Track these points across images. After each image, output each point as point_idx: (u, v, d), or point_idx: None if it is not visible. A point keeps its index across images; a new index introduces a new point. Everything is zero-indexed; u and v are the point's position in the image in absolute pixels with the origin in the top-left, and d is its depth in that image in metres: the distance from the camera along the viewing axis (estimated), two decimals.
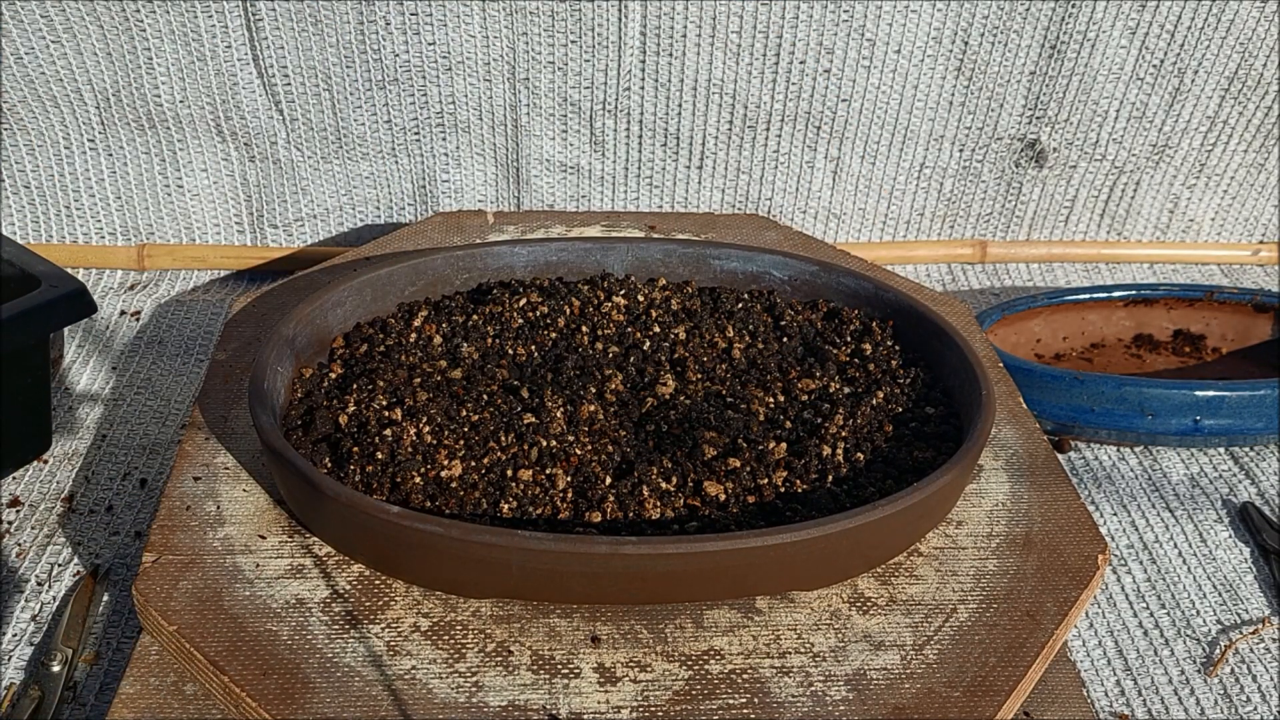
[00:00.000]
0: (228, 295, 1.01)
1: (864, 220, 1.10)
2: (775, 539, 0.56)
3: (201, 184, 1.02)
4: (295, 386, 0.70)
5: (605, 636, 0.57)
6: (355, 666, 0.54)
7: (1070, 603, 0.60)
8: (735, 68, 0.99)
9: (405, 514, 0.56)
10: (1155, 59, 1.02)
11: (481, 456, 0.63)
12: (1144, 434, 0.86)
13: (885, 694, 0.54)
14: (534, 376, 0.70)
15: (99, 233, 1.03)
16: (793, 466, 0.64)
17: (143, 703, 0.55)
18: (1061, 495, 0.68)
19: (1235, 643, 0.71)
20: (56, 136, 0.99)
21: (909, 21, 0.98)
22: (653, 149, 1.04)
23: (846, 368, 0.74)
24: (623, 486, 0.62)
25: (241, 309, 0.82)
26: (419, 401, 0.66)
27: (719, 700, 0.54)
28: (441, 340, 0.74)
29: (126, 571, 0.71)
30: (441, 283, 0.80)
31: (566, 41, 0.97)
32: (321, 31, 0.95)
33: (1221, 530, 0.80)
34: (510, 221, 0.95)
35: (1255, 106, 1.06)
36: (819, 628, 0.58)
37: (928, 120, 1.04)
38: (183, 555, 0.60)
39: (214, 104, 0.98)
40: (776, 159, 1.05)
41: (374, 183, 1.03)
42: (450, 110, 1.00)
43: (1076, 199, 1.11)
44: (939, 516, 0.65)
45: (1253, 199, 1.12)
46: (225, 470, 0.66)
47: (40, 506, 0.76)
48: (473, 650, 0.55)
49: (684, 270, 0.83)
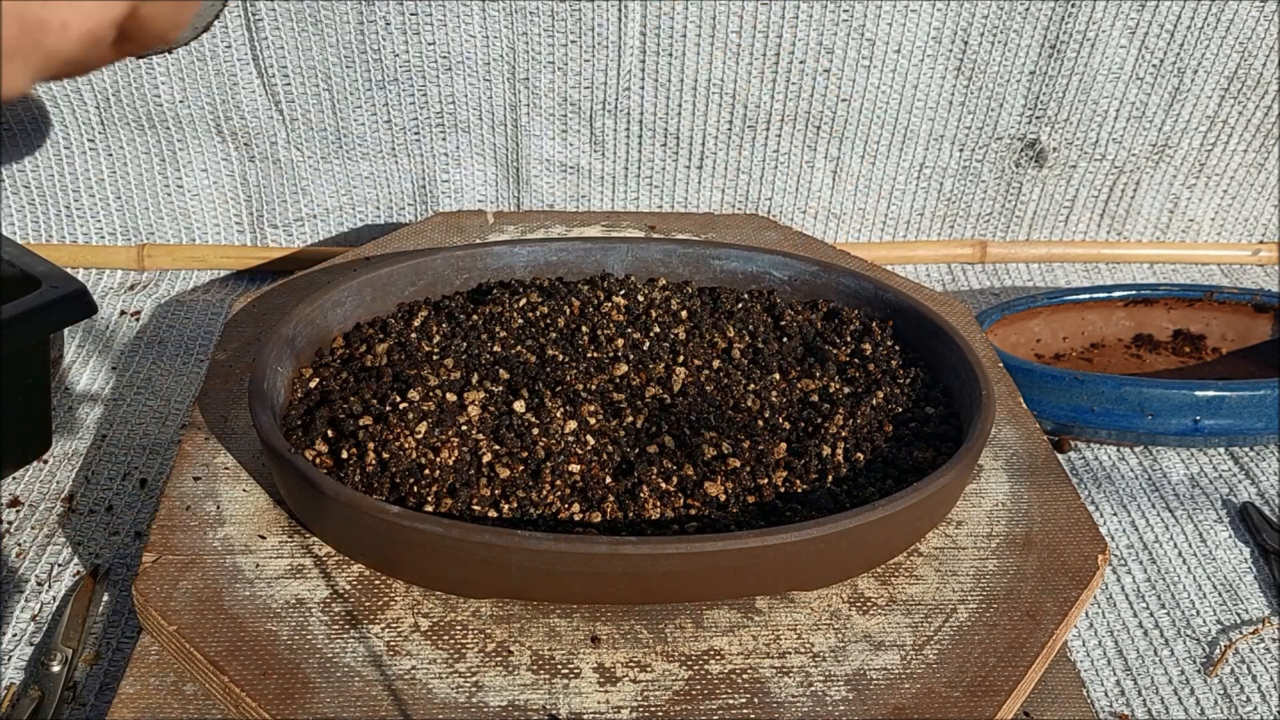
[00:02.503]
0: (228, 295, 1.01)
1: (864, 220, 1.10)
2: (775, 539, 0.56)
3: (201, 184, 1.02)
4: (295, 386, 0.70)
5: (605, 636, 0.57)
6: (355, 666, 0.54)
7: (1070, 603, 0.60)
8: (735, 68, 0.99)
9: (405, 514, 0.56)
10: (1155, 59, 1.02)
11: (481, 456, 0.63)
12: (1144, 434, 0.86)
13: (885, 694, 0.54)
14: (534, 376, 0.70)
15: (99, 233, 1.03)
16: (793, 466, 0.65)
17: (143, 703, 0.55)
18: (1061, 495, 0.68)
19: (1235, 643, 0.71)
20: (56, 136, 0.99)
21: (909, 21, 0.98)
22: (653, 149, 1.04)
23: (846, 368, 0.74)
24: (623, 486, 0.62)
25: (241, 309, 0.82)
26: (419, 402, 0.66)
27: (719, 700, 0.54)
28: (441, 340, 0.74)
29: (126, 571, 0.71)
30: (441, 283, 0.80)
31: (566, 41, 0.97)
32: (321, 31, 0.95)
33: (1221, 530, 0.80)
34: (510, 221, 0.95)
35: (1255, 106, 1.06)
36: (819, 628, 0.58)
37: (928, 120, 1.04)
38: (183, 555, 0.60)
39: (214, 104, 0.98)
40: (776, 159, 1.05)
41: (374, 183, 1.03)
42: (450, 110, 1.00)
43: (1076, 199, 1.11)
44: (939, 516, 0.65)
45: (1253, 199, 1.12)
46: (225, 470, 0.66)
47: (40, 506, 0.76)
48: (473, 650, 0.55)
49: (684, 270, 0.83)
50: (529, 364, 0.72)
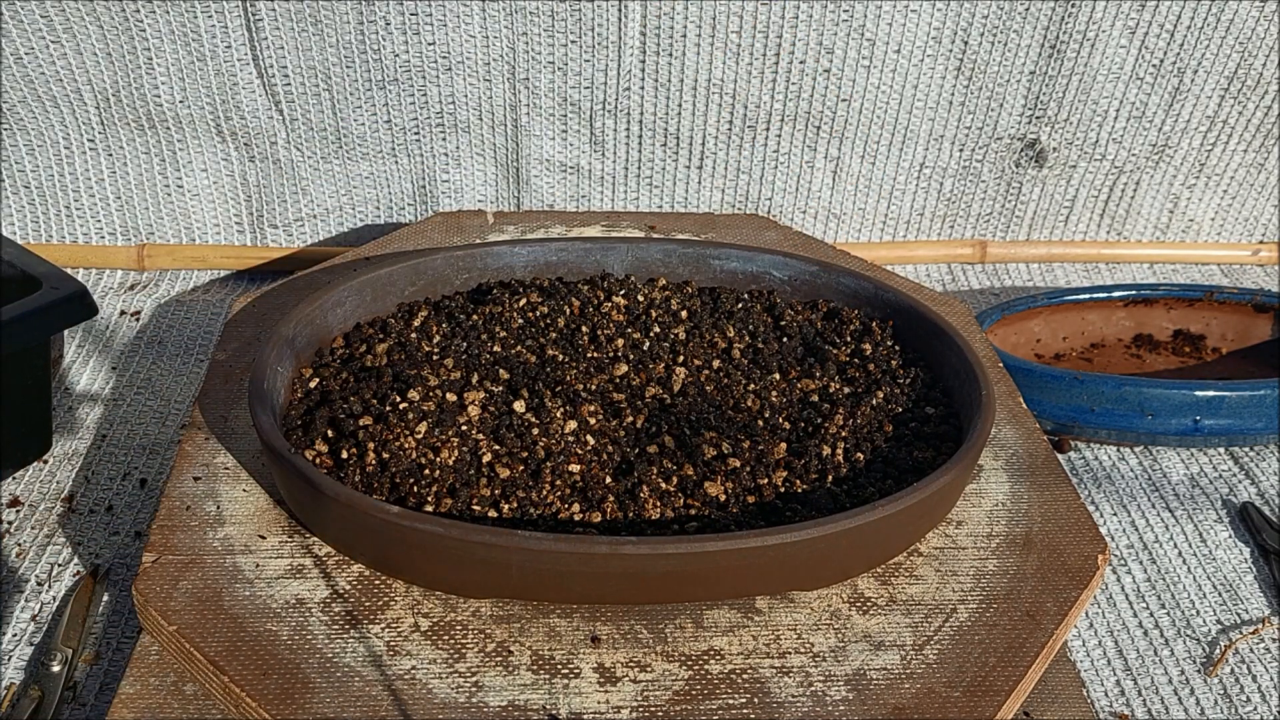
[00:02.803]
0: (228, 295, 1.01)
1: (864, 220, 1.10)
2: (775, 539, 0.56)
3: (201, 184, 1.02)
4: (295, 386, 0.70)
5: (605, 636, 0.57)
6: (355, 666, 0.54)
7: (1070, 603, 0.60)
8: (735, 68, 0.99)
9: (405, 514, 0.56)
10: (1155, 59, 1.02)
11: (481, 456, 0.63)
12: (1144, 434, 0.86)
13: (885, 694, 0.54)
14: (534, 376, 0.70)
15: (99, 233, 1.03)
16: (793, 466, 0.65)
17: (143, 703, 0.55)
18: (1061, 495, 0.68)
19: (1235, 643, 0.71)
20: (56, 136, 0.99)
21: (909, 21, 0.98)
22: (653, 149, 1.04)
23: (846, 368, 0.74)
24: (623, 486, 0.62)
25: (241, 309, 0.82)
26: (419, 402, 0.66)
27: (719, 700, 0.54)
28: (441, 340, 0.74)
29: (126, 571, 0.71)
30: (441, 283, 0.80)
31: (566, 41, 0.97)
32: (321, 31, 0.95)
33: (1221, 530, 0.80)
34: (510, 221, 0.95)
35: (1255, 106, 1.06)
36: (819, 628, 0.58)
37: (928, 120, 1.04)
38: (183, 555, 0.60)
39: (214, 104, 0.98)
40: (776, 159, 1.05)
41: (374, 183, 1.03)
42: (450, 110, 1.00)
43: (1076, 199, 1.11)
44: (939, 516, 0.65)
45: (1253, 199, 1.12)
46: (225, 470, 0.66)
47: (40, 506, 0.76)
48: (473, 650, 0.55)
49: (684, 270, 0.83)
50: (529, 364, 0.72)
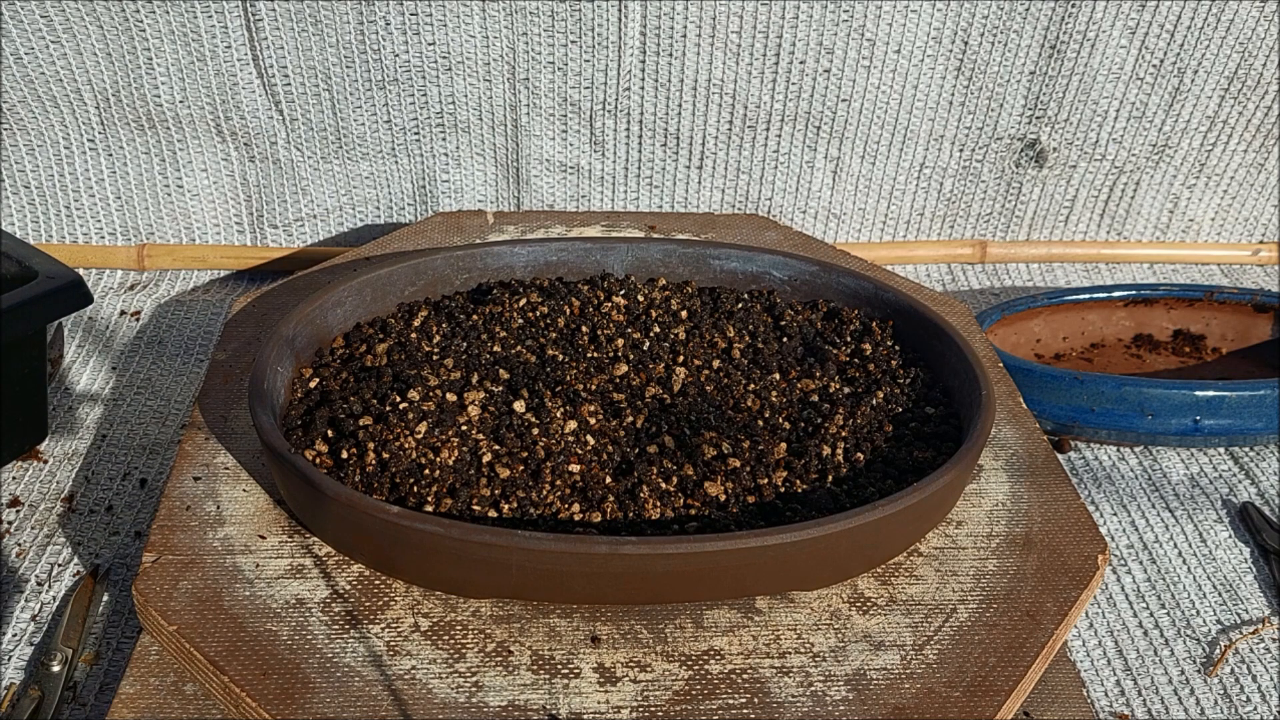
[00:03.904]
0: (228, 295, 1.01)
1: (864, 220, 1.10)
2: (775, 539, 0.56)
3: (201, 184, 1.02)
4: (295, 386, 0.70)
5: (605, 636, 0.57)
6: (355, 666, 0.54)
7: (1070, 603, 0.60)
8: (735, 68, 0.99)
9: (405, 514, 0.56)
10: (1155, 59, 1.02)
11: (481, 456, 0.63)
12: (1144, 434, 0.86)
13: (885, 694, 0.54)
14: (534, 376, 0.70)
15: (99, 233, 1.03)
16: (793, 466, 0.64)
17: (143, 703, 0.55)
18: (1061, 495, 0.68)
19: (1235, 643, 0.71)
20: (56, 136, 0.99)
21: (909, 21, 0.98)
22: (653, 149, 1.04)
23: (846, 368, 0.74)
24: (623, 486, 0.62)
25: (241, 309, 0.82)
26: (419, 402, 0.66)
27: (719, 700, 0.54)
28: (441, 340, 0.74)
29: (126, 571, 0.71)
30: (441, 283, 0.80)
31: (566, 41, 0.97)
32: (321, 31, 0.95)
33: (1221, 530, 0.80)
34: (510, 221, 0.95)
35: (1255, 106, 1.06)
36: (819, 628, 0.58)
37: (928, 120, 1.04)
38: (183, 555, 0.60)
39: (214, 104, 0.98)
40: (776, 159, 1.05)
41: (374, 183, 1.03)
42: (450, 110, 1.00)
43: (1076, 199, 1.11)
44: (939, 516, 0.65)
45: (1253, 199, 1.12)
46: (225, 470, 0.66)
47: (40, 506, 0.76)
48: (473, 650, 0.55)
49: (684, 270, 0.83)
50: (529, 364, 0.72)
